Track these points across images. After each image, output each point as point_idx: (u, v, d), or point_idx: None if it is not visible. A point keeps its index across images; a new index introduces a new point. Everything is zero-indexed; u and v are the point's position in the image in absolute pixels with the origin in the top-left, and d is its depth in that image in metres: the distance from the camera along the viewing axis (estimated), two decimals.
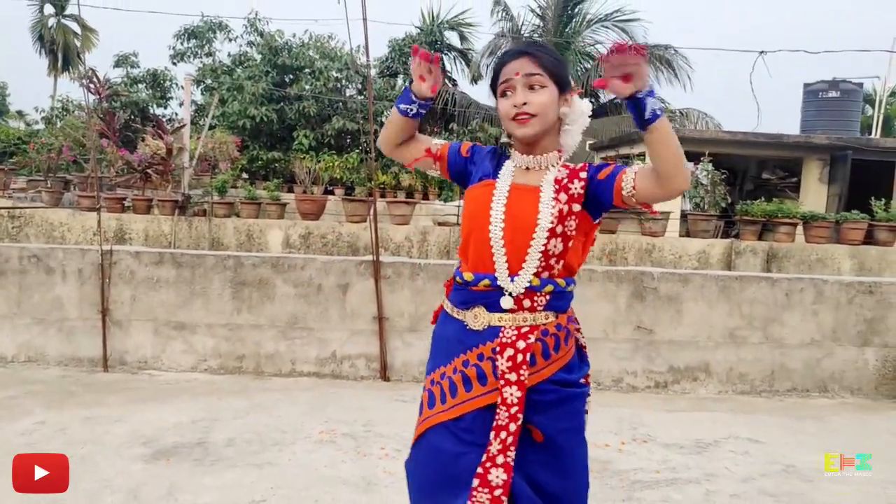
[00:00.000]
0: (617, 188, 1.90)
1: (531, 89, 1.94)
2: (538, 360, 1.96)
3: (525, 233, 1.90)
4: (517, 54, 1.98)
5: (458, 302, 2.03)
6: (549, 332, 1.98)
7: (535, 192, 1.94)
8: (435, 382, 2.03)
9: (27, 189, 10.32)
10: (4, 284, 5.97)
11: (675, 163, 1.83)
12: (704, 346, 6.10)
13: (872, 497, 3.96)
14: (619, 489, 3.96)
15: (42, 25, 37.05)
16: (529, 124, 1.95)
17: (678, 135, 7.57)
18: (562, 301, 2.01)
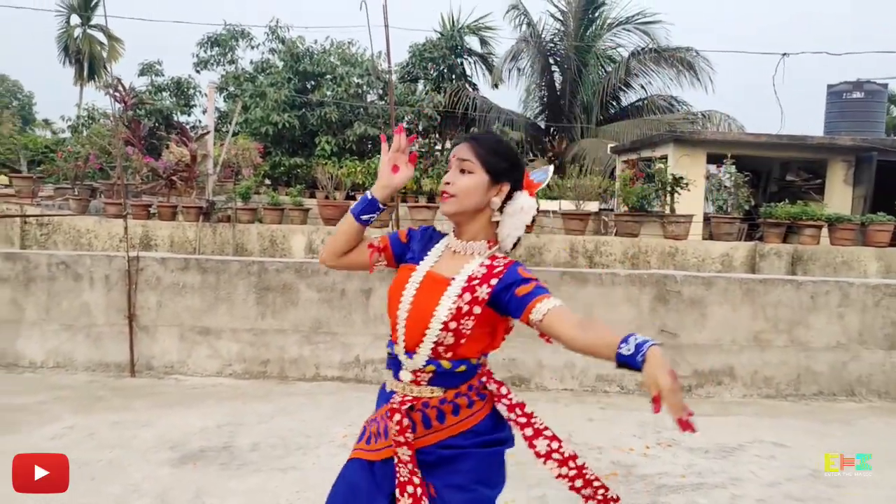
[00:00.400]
0: (527, 310, 1.94)
1: (462, 172, 2.06)
2: (419, 429, 2.06)
3: (423, 321, 2.01)
4: (467, 139, 2.11)
5: (387, 362, 2.18)
6: (431, 405, 2.06)
7: (444, 284, 2.04)
8: (372, 421, 2.16)
9: (55, 197, 10.49)
10: (34, 291, 6.07)
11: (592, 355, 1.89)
12: (729, 350, 6.06)
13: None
14: (643, 493, 3.94)
15: (68, 36, 37.62)
16: (448, 202, 2.06)
17: (699, 137, 7.49)
18: (449, 380, 2.08)
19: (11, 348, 6.06)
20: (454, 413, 2.08)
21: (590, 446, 4.68)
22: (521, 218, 2.11)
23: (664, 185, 9.14)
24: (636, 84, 25.82)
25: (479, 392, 2.15)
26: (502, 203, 2.10)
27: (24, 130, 30.43)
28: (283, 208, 8.81)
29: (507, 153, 2.13)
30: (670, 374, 1.59)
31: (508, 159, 2.11)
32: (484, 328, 2.05)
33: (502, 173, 2.08)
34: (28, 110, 53.57)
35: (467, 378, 2.10)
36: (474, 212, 2.08)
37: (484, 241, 2.10)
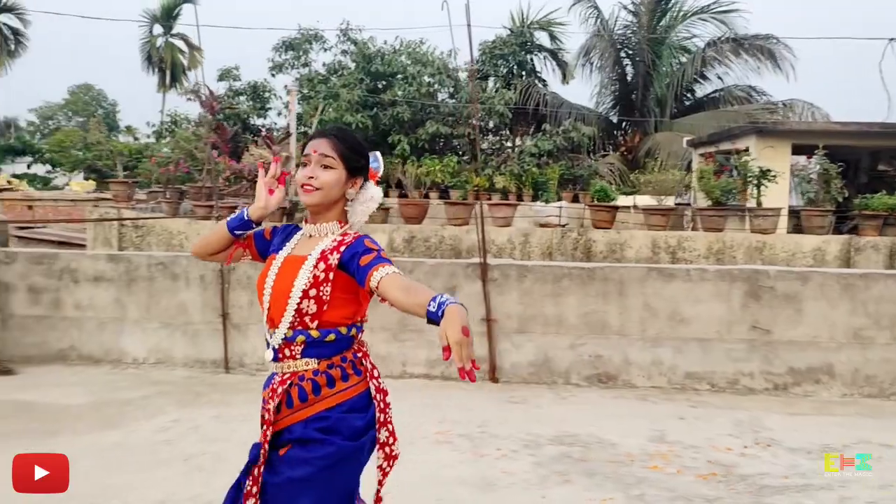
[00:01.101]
0: (368, 278, 2.06)
1: (322, 168, 2.22)
2: (295, 402, 2.17)
3: (284, 295, 2.17)
4: (322, 134, 2.27)
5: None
6: (306, 377, 2.17)
7: (301, 260, 2.21)
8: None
9: (148, 200, 10.92)
10: (135, 291, 6.35)
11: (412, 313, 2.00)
12: (827, 347, 5.85)
13: None
14: (745, 494, 3.85)
15: (151, 45, 39.14)
16: (312, 195, 2.22)
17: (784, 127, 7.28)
18: (320, 349, 2.19)
19: (116, 345, 6.35)
20: (329, 385, 2.18)
21: (684, 445, 4.60)
22: (369, 205, 2.33)
23: (751, 178, 8.87)
24: (712, 75, 25.18)
25: (355, 366, 2.25)
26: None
27: (108, 137, 31.79)
28: None
29: (362, 149, 2.32)
30: (462, 329, 1.73)
31: (363, 155, 2.31)
32: (345, 293, 2.18)
33: (359, 169, 2.28)
34: (112, 118, 55.81)
35: (339, 349, 2.22)
36: (332, 203, 2.26)
37: (335, 222, 2.28)
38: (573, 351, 5.98)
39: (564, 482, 3.97)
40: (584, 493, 3.83)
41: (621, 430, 4.83)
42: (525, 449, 4.46)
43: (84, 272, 6.41)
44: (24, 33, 37.87)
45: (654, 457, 4.38)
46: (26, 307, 6.42)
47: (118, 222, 8.53)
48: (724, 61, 24.22)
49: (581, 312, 5.98)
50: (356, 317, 2.26)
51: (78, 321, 6.41)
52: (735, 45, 23.63)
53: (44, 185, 41.18)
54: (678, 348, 5.92)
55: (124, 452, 4.28)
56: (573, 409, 5.39)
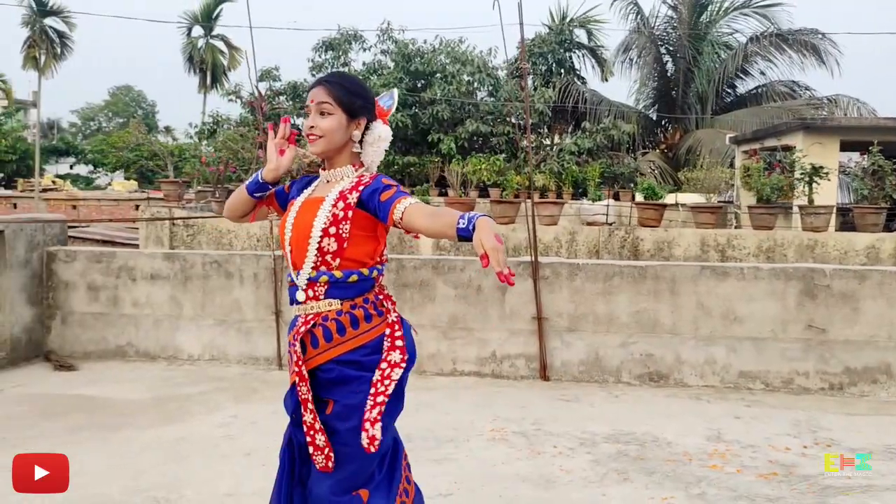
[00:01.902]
0: (391, 212, 2.15)
1: (321, 115, 2.29)
2: (320, 342, 2.25)
3: (305, 235, 2.26)
4: (317, 83, 2.35)
5: (289, 293, 2.40)
6: (330, 317, 2.25)
7: (319, 201, 2.29)
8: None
9: (197, 199, 11.15)
10: (190, 289, 6.48)
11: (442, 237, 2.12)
12: (885, 347, 5.75)
13: None
14: (808, 494, 3.81)
15: (192, 46, 39.80)
16: (316, 143, 2.30)
17: (832, 123, 7.19)
18: (343, 290, 2.27)
19: (172, 342, 6.49)
20: (353, 325, 2.26)
21: (742, 444, 4.56)
22: (380, 145, 2.41)
23: (803, 175, 8.75)
24: (754, 70, 24.88)
25: (377, 307, 2.33)
26: (361, 134, 2.37)
27: (149, 138, 32.42)
28: None
29: (360, 90, 2.38)
30: (495, 237, 1.86)
31: (361, 95, 2.36)
32: (364, 231, 2.27)
33: (358, 110, 2.33)
34: (151, 118, 56.90)
35: (362, 290, 2.30)
36: (340, 147, 2.34)
37: (349, 166, 2.37)
38: (624, 349, 5.96)
39: (623, 480, 3.97)
40: (643, 492, 3.82)
41: (677, 429, 4.81)
42: (581, 447, 4.46)
43: (141, 270, 6.56)
44: (70, 36, 38.77)
45: (712, 456, 4.36)
46: (86, 304, 6.60)
47: (170, 221, 8.72)
48: (767, 56, 23.90)
49: (632, 311, 5.96)
50: (375, 255, 2.34)
51: (135, 318, 6.56)
52: (778, 40, 23.29)
53: (86, 185, 42.19)
54: (732, 347, 5.87)
55: (188, 446, 4.39)
56: (626, 407, 5.38)
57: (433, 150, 20.27)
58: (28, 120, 49.86)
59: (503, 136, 20.46)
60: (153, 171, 21.54)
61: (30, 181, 34.76)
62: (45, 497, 3.16)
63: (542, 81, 22.61)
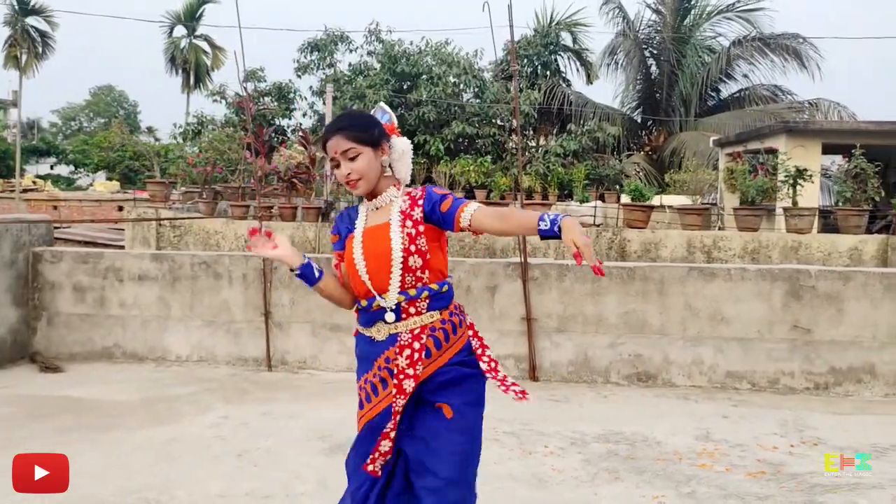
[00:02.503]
0: (456, 221, 2.33)
1: (351, 160, 2.38)
2: (433, 352, 2.39)
3: (385, 261, 2.35)
4: (333, 133, 2.41)
5: (364, 322, 2.48)
6: (437, 328, 2.41)
7: (385, 228, 2.40)
8: (362, 388, 2.47)
9: (183, 200, 11.09)
10: (179, 290, 6.45)
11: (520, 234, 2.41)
12: (869, 347, 5.83)
13: None
14: (797, 493, 3.86)
15: (174, 47, 39.54)
16: (358, 186, 2.41)
17: (814, 126, 7.30)
18: (440, 301, 2.43)
19: (160, 343, 6.45)
20: (454, 332, 2.44)
21: (730, 443, 4.61)
22: (406, 158, 2.51)
23: (787, 177, 8.85)
24: (737, 74, 25.10)
25: (459, 315, 2.51)
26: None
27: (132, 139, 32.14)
28: None
29: (370, 121, 2.47)
30: (582, 234, 2.06)
31: (374, 124, 2.45)
32: (435, 242, 2.42)
33: (378, 138, 2.42)
34: (133, 119, 56.43)
35: (450, 299, 2.47)
36: (377, 179, 2.44)
37: (391, 188, 2.47)
38: (613, 350, 6.00)
39: (614, 479, 4.00)
40: (635, 491, 3.86)
41: (666, 429, 4.85)
42: (572, 446, 4.49)
43: (128, 271, 6.52)
44: (52, 35, 38.41)
45: (701, 455, 4.40)
46: (72, 305, 6.55)
47: (156, 222, 8.67)
48: (750, 60, 24.14)
49: (621, 312, 6.00)
50: (446, 264, 2.51)
51: (122, 319, 6.52)
52: (760, 44, 23.53)
53: (67, 185, 41.79)
54: (719, 347, 5.93)
55: (179, 447, 4.37)
56: (615, 407, 5.42)
57: (419, 151, 20.31)
58: (8, 120, 49.31)
59: (489, 138, 20.50)
60: (137, 172, 21.39)
61: (10, 181, 34.41)
62: (41, 498, 3.14)
63: (527, 84, 22.68)
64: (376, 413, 2.40)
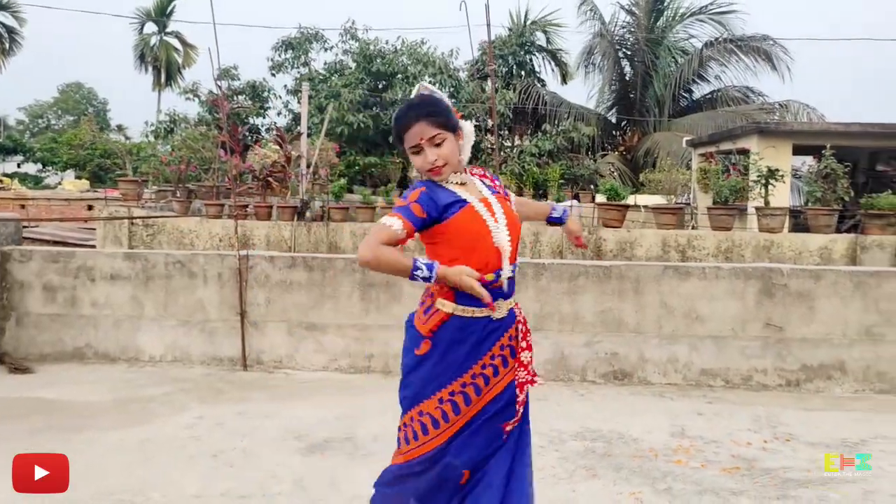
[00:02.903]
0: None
1: (437, 146, 2.37)
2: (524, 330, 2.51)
3: (517, 230, 2.47)
4: (416, 119, 2.36)
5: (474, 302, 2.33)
6: (517, 306, 2.54)
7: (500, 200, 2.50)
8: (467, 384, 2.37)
9: (156, 199, 10.95)
10: (152, 289, 6.37)
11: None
12: (839, 344, 5.93)
13: None
14: (770, 487, 3.91)
15: (144, 43, 39.05)
16: (443, 171, 2.41)
17: (785, 128, 7.40)
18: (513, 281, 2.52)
19: (133, 343, 6.37)
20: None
21: (705, 440, 4.66)
22: (471, 140, 2.53)
23: (760, 177, 8.97)
24: (709, 75, 25.36)
25: None
26: None
27: (102, 136, 31.67)
28: (374, 206, 9.01)
29: (448, 106, 2.47)
30: (579, 225, 2.79)
31: (450, 110, 2.45)
32: None
33: (456, 123, 2.44)
34: (103, 116, 55.59)
35: None
36: (458, 162, 2.47)
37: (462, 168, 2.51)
38: (589, 348, 6.04)
39: (592, 476, 4.02)
40: (612, 487, 3.88)
41: (642, 426, 4.89)
42: (550, 444, 4.51)
43: (100, 270, 6.43)
44: (19, 31, 37.76)
45: (676, 451, 4.44)
46: (42, 305, 6.44)
47: (128, 221, 8.55)
48: (722, 62, 24.40)
49: (597, 310, 6.04)
50: None
51: (94, 319, 6.43)
52: (732, 45, 23.80)
53: (35, 184, 41.06)
54: (694, 346, 5.99)
55: (154, 448, 4.32)
56: (592, 405, 5.45)
57: (394, 151, 20.28)
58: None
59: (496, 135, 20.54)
60: (108, 170, 21.06)
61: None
62: (27, 498, 3.08)
63: (503, 83, 22.74)
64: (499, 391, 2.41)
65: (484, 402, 2.37)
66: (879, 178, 15.06)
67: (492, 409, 2.40)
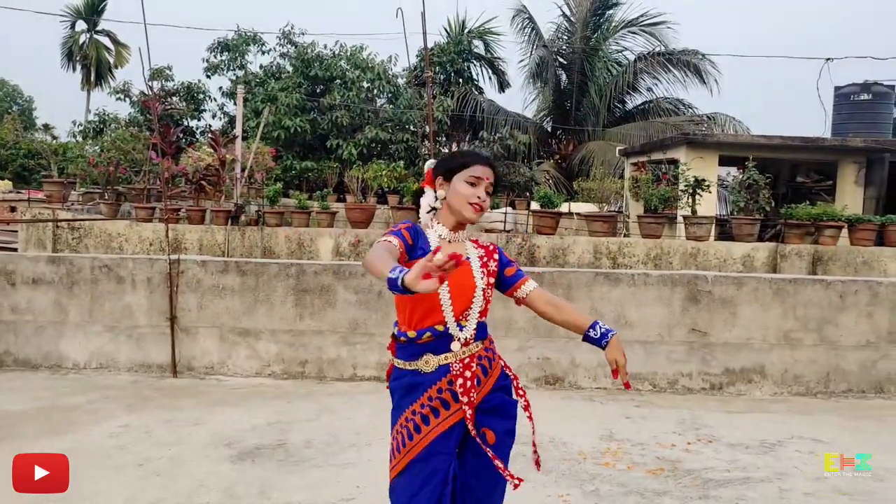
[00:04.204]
0: (514, 288, 2.60)
1: (488, 193, 2.54)
2: (481, 379, 2.51)
3: (466, 294, 2.49)
4: (489, 163, 2.57)
5: (407, 356, 2.51)
6: (482, 356, 2.54)
7: (467, 263, 2.52)
8: (403, 425, 2.48)
9: (83, 201, 10.59)
10: (77, 294, 6.19)
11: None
12: (759, 349, 6.17)
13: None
14: (692, 487, 4.05)
15: (73, 41, 37.75)
16: (479, 214, 2.53)
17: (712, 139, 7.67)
18: (483, 331, 2.58)
19: (55, 350, 6.17)
20: (493, 358, 2.59)
21: (632, 442, 4.79)
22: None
23: (687, 187, 9.25)
24: (642, 87, 25.98)
25: (493, 346, 2.65)
26: None
27: (26, 136, 30.48)
28: (310, 211, 8.93)
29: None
30: (623, 355, 2.50)
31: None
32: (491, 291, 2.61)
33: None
34: (28, 115, 53.50)
35: (487, 331, 2.62)
36: None
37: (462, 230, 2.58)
38: (522, 353, 6.13)
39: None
40: (542, 490, 3.96)
41: (572, 430, 4.99)
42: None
43: (22, 274, 6.21)
44: None
45: (604, 454, 4.55)
46: None
47: (53, 224, 8.27)
48: (654, 74, 25.03)
49: (529, 316, 6.13)
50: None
51: (14, 325, 6.21)
52: (663, 59, 24.45)
53: None
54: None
55: (77, 458, 4.17)
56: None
57: (332, 155, 20.11)
58: None
59: (402, 144, 20.52)
60: (32, 171, 20.27)
61: None
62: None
63: (441, 90, 22.84)
64: (433, 438, 2.42)
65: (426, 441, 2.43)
66: (799, 189, 15.70)
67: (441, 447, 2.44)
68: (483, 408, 2.50)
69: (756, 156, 10.13)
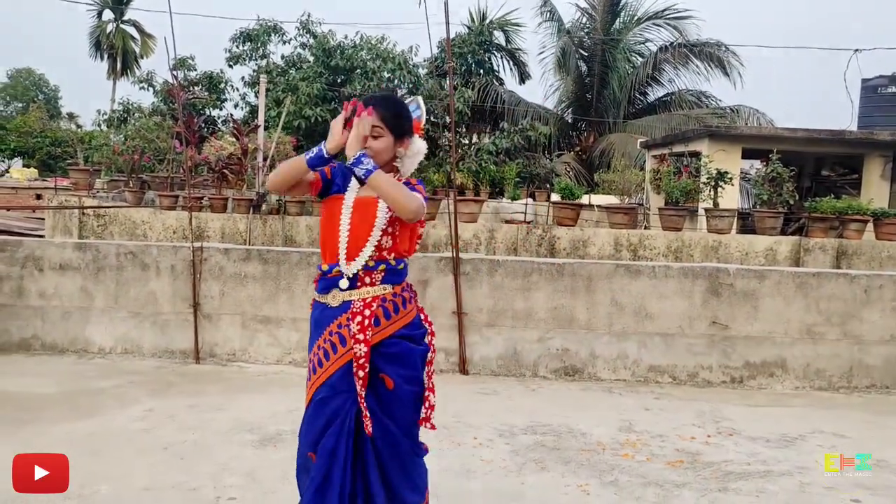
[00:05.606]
0: None
1: (374, 138, 2.57)
2: (381, 321, 2.58)
3: (366, 233, 2.57)
4: (368, 104, 2.59)
5: (321, 289, 2.67)
6: (388, 299, 2.60)
7: (373, 203, 2.59)
8: (314, 354, 2.64)
9: (108, 189, 10.73)
10: (103, 280, 6.27)
11: (392, 202, 2.49)
12: (781, 342, 6.13)
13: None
14: (712, 480, 4.05)
15: (101, 31, 38.14)
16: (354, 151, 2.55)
17: (735, 132, 7.70)
18: (395, 276, 2.64)
19: (82, 335, 6.27)
20: (403, 306, 2.65)
21: (651, 434, 4.79)
22: (417, 158, 2.73)
23: (709, 179, 9.20)
24: (664, 79, 25.76)
25: (410, 293, 2.73)
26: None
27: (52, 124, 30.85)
28: None
29: (406, 113, 2.67)
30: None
31: (408, 118, 2.67)
32: (406, 229, 2.64)
33: (404, 132, 2.65)
34: (54, 104, 54.08)
35: (404, 277, 2.69)
36: (385, 163, 2.62)
37: (391, 175, 2.62)
38: (541, 344, 6.14)
39: (541, 469, 4.11)
40: (560, 480, 3.97)
41: (591, 421, 5.00)
42: (500, 438, 4.59)
43: (49, 260, 6.31)
44: None
45: (623, 445, 4.56)
46: None
47: (79, 211, 8.39)
48: (676, 66, 24.81)
49: (550, 307, 6.14)
50: (412, 249, 2.74)
51: (42, 310, 6.31)
52: (686, 50, 24.22)
53: None
54: (643, 343, 6.13)
55: (102, 441, 4.27)
56: (543, 400, 5.55)
57: None
58: None
59: (453, 133, 20.56)
60: (58, 159, 20.52)
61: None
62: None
63: (461, 81, 22.79)
64: (332, 372, 2.55)
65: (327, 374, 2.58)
66: (823, 183, 15.55)
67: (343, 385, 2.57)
68: (383, 351, 2.57)
69: (780, 149, 10.05)
